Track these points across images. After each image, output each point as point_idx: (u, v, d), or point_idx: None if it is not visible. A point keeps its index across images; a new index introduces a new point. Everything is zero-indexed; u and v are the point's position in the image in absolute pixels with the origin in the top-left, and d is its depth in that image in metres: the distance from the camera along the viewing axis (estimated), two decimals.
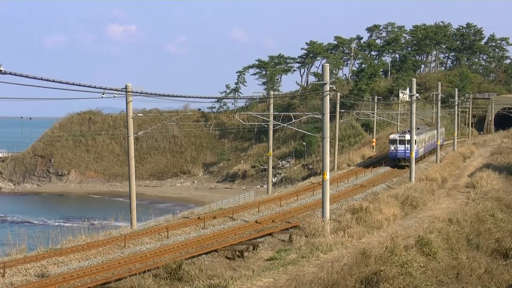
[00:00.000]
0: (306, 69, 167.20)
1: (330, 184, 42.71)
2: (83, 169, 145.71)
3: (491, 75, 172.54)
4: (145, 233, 34.15)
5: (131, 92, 36.34)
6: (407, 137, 63.98)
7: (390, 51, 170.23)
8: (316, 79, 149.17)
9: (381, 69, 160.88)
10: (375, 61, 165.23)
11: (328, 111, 34.17)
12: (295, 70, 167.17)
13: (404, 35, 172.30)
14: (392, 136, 68.98)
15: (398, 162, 66.97)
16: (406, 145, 64.24)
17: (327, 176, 34.37)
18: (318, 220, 33.64)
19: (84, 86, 25.12)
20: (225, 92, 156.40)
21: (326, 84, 33.50)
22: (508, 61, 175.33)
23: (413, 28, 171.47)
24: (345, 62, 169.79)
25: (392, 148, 67.33)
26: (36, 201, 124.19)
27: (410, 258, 24.37)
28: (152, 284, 22.90)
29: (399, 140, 66.78)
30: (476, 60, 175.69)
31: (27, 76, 21.37)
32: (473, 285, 24.25)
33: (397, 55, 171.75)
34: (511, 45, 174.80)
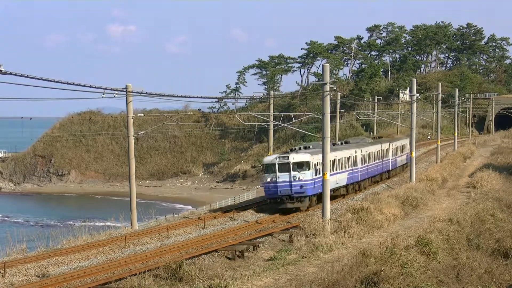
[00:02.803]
0: (306, 69, 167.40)
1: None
2: (83, 169, 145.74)
3: (492, 75, 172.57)
4: (145, 233, 34.17)
5: (131, 92, 36.36)
6: (295, 158, 39.71)
7: (390, 51, 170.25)
8: (316, 79, 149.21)
9: (382, 69, 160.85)
10: (375, 61, 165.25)
11: (329, 111, 34.20)
12: (295, 70, 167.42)
13: (404, 35, 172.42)
14: (267, 160, 40.61)
15: (281, 203, 39.91)
16: (294, 172, 39.36)
17: (327, 176, 34.40)
18: (319, 220, 33.66)
19: (84, 86, 25.14)
20: (226, 92, 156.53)
21: (326, 84, 33.53)
22: (508, 61, 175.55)
23: (413, 28, 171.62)
24: (345, 62, 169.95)
25: (269, 179, 39.69)
26: (36, 201, 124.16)
27: (410, 258, 24.36)
28: (153, 284, 22.90)
29: (280, 164, 39.69)
30: (477, 60, 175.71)
31: (27, 76, 21.39)
32: (473, 285, 24.23)
33: (397, 55, 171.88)
34: (511, 45, 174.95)
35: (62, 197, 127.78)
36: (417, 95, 56.63)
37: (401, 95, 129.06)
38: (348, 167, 46.66)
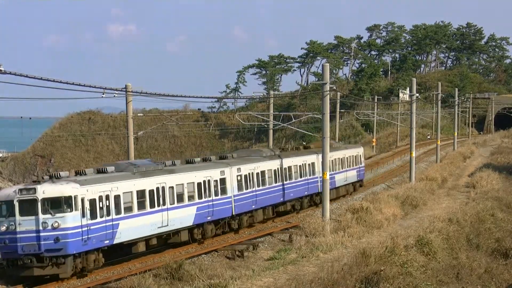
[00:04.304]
0: (306, 69, 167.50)
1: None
2: (83, 169, 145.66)
3: (491, 74, 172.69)
4: None
5: (131, 92, 36.35)
6: (46, 191, 24.87)
7: (390, 50, 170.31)
8: (316, 79, 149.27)
9: (381, 69, 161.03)
10: (375, 61, 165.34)
11: (328, 111, 34.18)
12: (295, 70, 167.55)
13: (404, 34, 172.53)
14: (1, 195, 25.66)
15: (24, 269, 24.81)
16: (44, 216, 24.80)
17: (327, 176, 34.38)
18: (318, 220, 33.61)
19: (84, 86, 25.21)
20: (225, 92, 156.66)
21: (326, 84, 33.52)
22: (508, 60, 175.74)
23: (413, 28, 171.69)
24: (345, 62, 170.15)
25: (4, 227, 24.89)
26: None
27: (410, 258, 24.37)
28: (152, 283, 22.91)
29: (22, 202, 24.93)
30: (476, 59, 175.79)
31: (27, 76, 21.43)
32: (473, 285, 24.25)
33: (397, 55, 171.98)
34: (511, 45, 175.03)
35: None
36: (417, 95, 56.54)
37: (400, 95, 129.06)
38: (201, 198, 31.52)
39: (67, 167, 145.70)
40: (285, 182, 38.94)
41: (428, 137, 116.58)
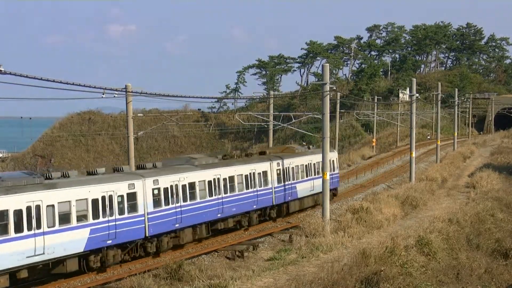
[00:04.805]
0: (306, 69, 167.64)
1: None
2: (83, 169, 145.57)
3: (491, 75, 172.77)
4: None
5: (131, 92, 36.33)
6: None
7: (390, 51, 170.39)
8: (316, 79, 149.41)
9: (381, 69, 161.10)
10: (375, 61, 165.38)
11: (328, 111, 34.15)
12: (295, 70, 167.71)
13: (404, 35, 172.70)
14: None
15: None
16: None
17: (327, 176, 34.33)
18: (318, 220, 33.59)
19: (84, 86, 25.19)
20: (225, 92, 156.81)
21: (326, 84, 33.50)
22: (508, 61, 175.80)
23: (413, 28, 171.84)
24: (345, 62, 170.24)
25: None
26: None
27: (410, 258, 24.38)
28: (152, 284, 22.91)
29: None
30: (476, 60, 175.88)
31: (27, 76, 21.42)
32: (473, 285, 24.26)
33: (397, 55, 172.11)
34: (511, 45, 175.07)
35: None
36: (417, 95, 56.45)
37: (400, 95, 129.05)
38: (97, 218, 25.92)
39: (67, 167, 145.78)
40: (224, 195, 33.28)
41: (428, 137, 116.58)
